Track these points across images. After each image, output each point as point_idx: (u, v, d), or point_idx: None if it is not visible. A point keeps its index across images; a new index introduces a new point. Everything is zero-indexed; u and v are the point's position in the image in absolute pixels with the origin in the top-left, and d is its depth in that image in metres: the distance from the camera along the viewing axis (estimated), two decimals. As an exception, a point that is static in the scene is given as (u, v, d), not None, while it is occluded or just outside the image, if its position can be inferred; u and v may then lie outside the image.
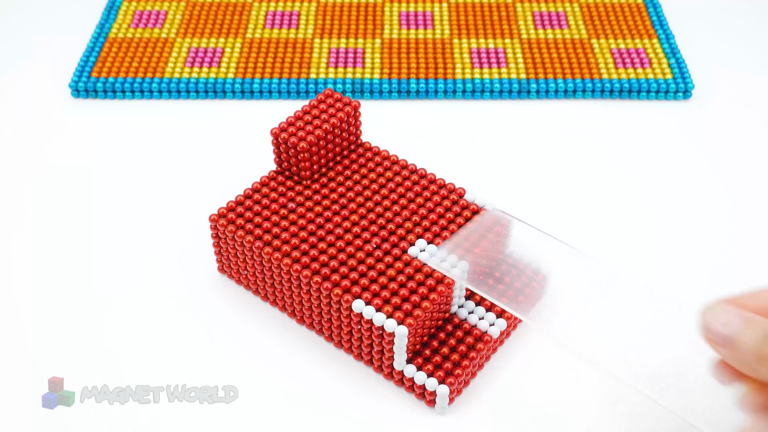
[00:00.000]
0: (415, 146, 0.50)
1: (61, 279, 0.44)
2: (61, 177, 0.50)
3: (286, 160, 0.41)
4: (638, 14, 0.63)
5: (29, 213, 0.48)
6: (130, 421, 0.37)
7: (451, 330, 0.38)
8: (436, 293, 0.36)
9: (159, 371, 0.39)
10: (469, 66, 0.58)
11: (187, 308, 0.42)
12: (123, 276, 0.44)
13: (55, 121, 0.55)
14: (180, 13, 0.63)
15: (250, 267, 0.40)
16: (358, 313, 0.36)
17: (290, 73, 0.57)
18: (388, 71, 0.57)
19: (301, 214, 0.39)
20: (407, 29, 0.62)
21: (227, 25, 0.62)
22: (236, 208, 0.40)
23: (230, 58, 0.58)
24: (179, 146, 0.52)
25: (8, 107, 0.56)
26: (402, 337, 0.35)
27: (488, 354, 0.39)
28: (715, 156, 0.52)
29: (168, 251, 0.45)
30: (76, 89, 0.56)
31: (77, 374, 0.38)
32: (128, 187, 0.49)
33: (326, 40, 0.60)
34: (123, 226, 0.47)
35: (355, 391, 0.38)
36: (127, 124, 0.54)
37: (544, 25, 0.62)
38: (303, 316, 0.40)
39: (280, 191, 0.41)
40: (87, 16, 0.64)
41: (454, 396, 0.37)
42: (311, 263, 0.37)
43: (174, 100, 0.56)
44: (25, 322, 0.41)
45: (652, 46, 0.60)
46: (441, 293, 0.36)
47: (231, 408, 0.37)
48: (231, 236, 0.39)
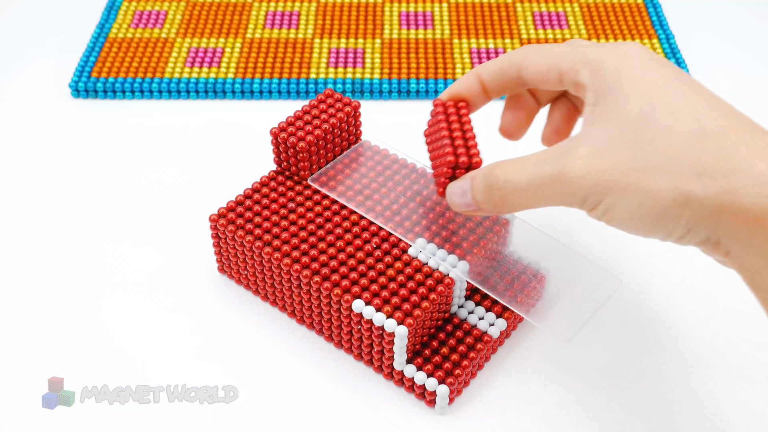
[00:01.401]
0: (415, 146, 0.50)
1: (61, 279, 0.44)
2: (61, 177, 0.50)
3: (285, 160, 0.41)
4: (638, 14, 0.63)
5: (29, 213, 0.48)
6: (130, 421, 0.37)
7: (451, 330, 0.38)
8: (435, 293, 0.36)
9: (159, 371, 0.39)
10: (469, 66, 0.58)
11: (186, 308, 0.42)
12: (123, 276, 0.44)
13: (55, 121, 0.55)
14: (180, 13, 0.63)
15: (250, 267, 0.40)
16: (358, 313, 0.36)
17: (290, 73, 0.57)
18: (388, 71, 0.57)
19: (301, 214, 0.39)
20: (407, 29, 0.62)
21: (227, 25, 0.62)
22: (236, 208, 0.40)
23: (230, 58, 0.58)
24: (179, 146, 0.52)
25: (8, 107, 0.56)
26: (402, 337, 0.35)
27: (488, 354, 0.39)
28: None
29: (168, 251, 0.45)
30: (76, 89, 0.56)
31: (77, 374, 0.38)
32: (128, 187, 0.49)
33: (326, 40, 0.60)
34: (123, 226, 0.47)
35: (355, 391, 0.38)
36: (127, 124, 0.54)
37: (544, 25, 0.62)
38: (303, 316, 0.40)
39: (280, 191, 0.41)
40: (87, 16, 0.64)
41: (454, 396, 0.37)
42: (311, 263, 0.37)
43: (174, 100, 0.56)
44: (24, 321, 0.41)
45: (652, 46, 0.60)
46: (441, 293, 0.36)
47: (231, 408, 0.37)
48: (231, 236, 0.39)
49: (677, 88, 0.29)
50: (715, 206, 0.27)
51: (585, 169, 0.29)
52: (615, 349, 0.40)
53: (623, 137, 0.28)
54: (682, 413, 0.37)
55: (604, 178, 0.28)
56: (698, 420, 0.37)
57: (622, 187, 0.28)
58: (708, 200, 0.27)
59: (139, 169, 0.51)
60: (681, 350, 0.40)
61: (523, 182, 0.31)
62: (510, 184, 0.31)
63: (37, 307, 0.42)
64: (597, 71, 0.31)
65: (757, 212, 0.26)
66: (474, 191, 0.33)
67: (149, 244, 0.46)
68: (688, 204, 0.27)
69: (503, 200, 0.32)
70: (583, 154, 0.29)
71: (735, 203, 0.26)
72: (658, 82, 0.29)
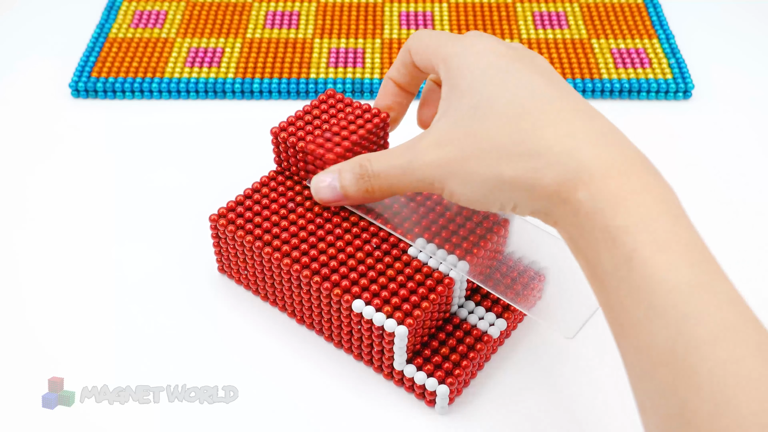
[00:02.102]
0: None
1: (60, 278, 0.44)
2: (60, 177, 0.50)
3: (286, 160, 0.41)
4: (638, 14, 0.63)
5: (29, 213, 0.48)
6: (130, 421, 0.37)
7: (451, 330, 0.38)
8: (435, 293, 0.36)
9: (159, 371, 0.39)
10: (469, 66, 0.58)
11: (187, 308, 0.42)
12: (123, 276, 0.44)
13: (55, 121, 0.55)
14: (180, 13, 0.63)
15: (250, 267, 0.40)
16: (358, 313, 0.36)
17: (290, 73, 0.57)
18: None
19: (301, 214, 0.39)
20: (407, 29, 0.62)
21: (227, 25, 0.62)
22: (236, 208, 0.40)
23: (230, 58, 0.58)
24: (179, 146, 0.52)
25: (8, 107, 0.56)
26: (402, 337, 0.35)
27: (488, 354, 0.39)
28: (715, 156, 0.52)
29: (168, 251, 0.45)
30: (76, 89, 0.56)
31: (77, 374, 0.38)
32: (128, 187, 0.49)
33: (326, 40, 0.60)
34: (123, 226, 0.47)
35: (354, 391, 0.38)
36: (127, 124, 0.54)
37: (544, 25, 0.62)
38: (303, 316, 0.40)
39: (280, 191, 0.41)
40: (87, 16, 0.64)
41: (454, 396, 0.37)
42: (311, 263, 0.37)
43: (174, 100, 0.56)
44: (24, 321, 0.41)
45: (652, 46, 0.60)
46: (441, 293, 0.36)
47: (231, 408, 0.37)
48: (231, 236, 0.39)
49: (505, 79, 0.32)
50: (523, 185, 0.30)
51: (428, 159, 0.33)
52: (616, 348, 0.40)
53: (458, 129, 0.32)
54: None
55: (443, 167, 0.33)
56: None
57: (456, 174, 0.32)
58: (517, 180, 0.30)
59: (139, 169, 0.51)
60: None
61: (386, 171, 0.35)
62: (377, 173, 0.36)
63: (37, 306, 0.42)
64: (447, 68, 0.34)
65: (554, 189, 0.29)
66: (343, 182, 0.37)
67: (149, 244, 0.46)
68: (504, 184, 0.31)
69: (373, 188, 0.36)
70: (428, 146, 0.33)
71: (538, 181, 0.30)
72: (491, 76, 0.33)
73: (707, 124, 0.55)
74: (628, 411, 0.37)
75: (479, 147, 0.31)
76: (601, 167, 0.29)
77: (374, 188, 0.36)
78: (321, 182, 0.38)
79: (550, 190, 0.30)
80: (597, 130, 0.30)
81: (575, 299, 0.35)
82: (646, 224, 0.28)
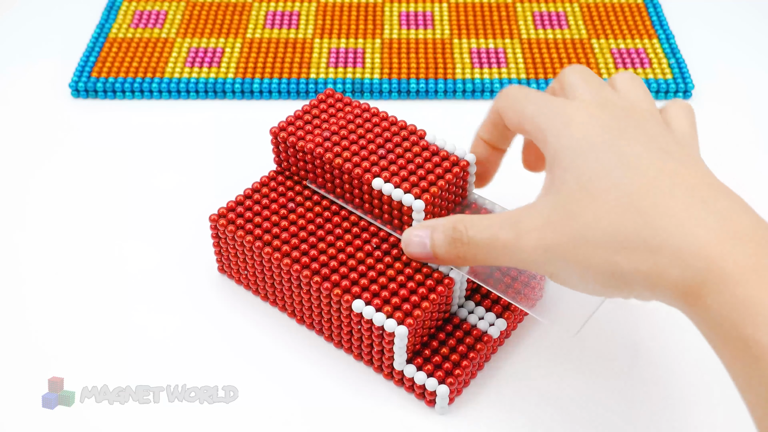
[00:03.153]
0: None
1: (60, 278, 0.44)
2: (60, 177, 0.50)
3: (285, 160, 0.41)
4: (638, 14, 0.63)
5: (29, 213, 0.48)
6: (130, 421, 0.37)
7: (451, 330, 0.38)
8: (435, 293, 0.36)
9: (159, 371, 0.39)
10: (469, 66, 0.58)
11: (186, 308, 0.42)
12: (123, 276, 0.44)
13: (55, 121, 0.55)
14: (180, 13, 0.63)
15: (250, 267, 0.40)
16: (358, 313, 0.36)
17: (290, 73, 0.57)
18: (388, 71, 0.57)
19: (301, 214, 0.39)
20: (407, 29, 0.62)
21: (227, 25, 0.62)
22: (236, 208, 0.40)
23: (230, 58, 0.58)
24: (179, 146, 0.52)
25: (8, 107, 0.56)
26: (402, 337, 0.35)
27: (488, 354, 0.39)
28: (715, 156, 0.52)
29: (168, 251, 0.45)
30: (76, 89, 0.56)
31: (77, 374, 0.38)
32: (128, 187, 0.49)
33: (326, 40, 0.60)
34: (123, 226, 0.47)
35: (354, 391, 0.38)
36: (127, 124, 0.54)
37: (544, 25, 0.62)
38: (303, 316, 0.40)
39: (280, 191, 0.41)
40: (87, 16, 0.64)
41: (454, 396, 0.37)
42: (311, 263, 0.37)
43: (174, 100, 0.56)
44: (24, 321, 0.41)
45: (652, 46, 0.60)
46: (441, 293, 0.36)
47: (231, 408, 0.38)
48: (231, 236, 0.39)
49: (610, 151, 0.30)
50: (644, 281, 0.28)
51: (534, 241, 0.31)
52: (617, 348, 0.40)
53: (565, 210, 0.30)
54: (688, 411, 0.37)
55: (549, 252, 0.30)
56: (703, 419, 0.37)
57: (565, 261, 0.30)
58: (637, 274, 0.28)
59: (139, 169, 0.51)
60: (686, 346, 0.40)
61: (483, 242, 0.33)
62: (473, 242, 0.33)
63: (37, 307, 0.42)
64: (545, 143, 0.32)
65: (681, 290, 0.27)
66: (434, 241, 0.35)
67: (149, 243, 0.46)
68: (623, 276, 0.29)
69: (465, 255, 0.34)
70: (533, 226, 0.31)
71: (661, 279, 0.28)
72: (593, 147, 0.30)
73: (707, 124, 0.55)
74: (628, 411, 0.37)
75: (591, 234, 0.29)
76: (732, 270, 0.26)
77: (467, 256, 0.34)
78: (413, 237, 0.36)
79: (676, 289, 0.28)
80: (722, 216, 0.28)
81: (577, 296, 0.35)
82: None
